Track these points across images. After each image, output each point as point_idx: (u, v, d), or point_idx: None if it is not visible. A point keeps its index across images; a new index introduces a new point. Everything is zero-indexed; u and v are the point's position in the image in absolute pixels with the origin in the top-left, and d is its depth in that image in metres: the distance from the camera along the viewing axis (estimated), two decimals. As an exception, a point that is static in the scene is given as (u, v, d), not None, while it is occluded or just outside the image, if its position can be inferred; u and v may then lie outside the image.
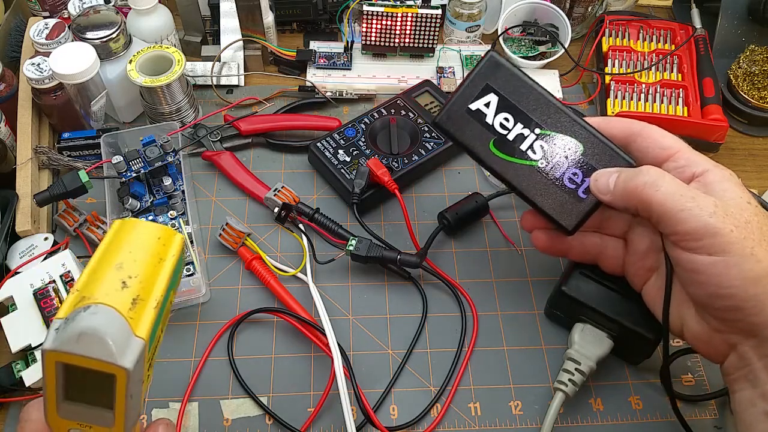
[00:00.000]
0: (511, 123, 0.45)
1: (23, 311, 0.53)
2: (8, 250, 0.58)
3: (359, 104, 0.75)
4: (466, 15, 0.77)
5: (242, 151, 0.70)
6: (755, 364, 0.39)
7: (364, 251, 0.57)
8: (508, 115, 0.45)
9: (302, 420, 0.51)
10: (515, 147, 0.46)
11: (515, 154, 0.46)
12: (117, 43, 0.66)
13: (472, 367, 0.55)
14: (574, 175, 0.45)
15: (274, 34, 0.77)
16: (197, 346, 0.56)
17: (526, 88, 0.45)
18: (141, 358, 0.31)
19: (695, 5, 0.81)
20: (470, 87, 0.46)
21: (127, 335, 0.30)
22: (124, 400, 0.31)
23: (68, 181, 0.57)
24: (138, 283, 0.32)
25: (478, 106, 0.46)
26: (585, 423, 0.52)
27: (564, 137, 0.45)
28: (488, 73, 0.46)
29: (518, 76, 0.46)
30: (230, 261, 0.61)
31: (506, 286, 0.60)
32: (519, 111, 0.45)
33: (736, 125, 0.74)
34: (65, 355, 0.30)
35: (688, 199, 0.39)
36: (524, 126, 0.45)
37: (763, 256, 0.37)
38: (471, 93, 0.46)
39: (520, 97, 0.45)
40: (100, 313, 0.30)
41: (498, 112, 0.46)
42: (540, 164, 0.45)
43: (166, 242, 0.35)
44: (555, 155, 0.45)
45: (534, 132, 0.45)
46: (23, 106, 0.65)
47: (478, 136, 0.46)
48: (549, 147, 0.45)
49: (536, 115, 0.45)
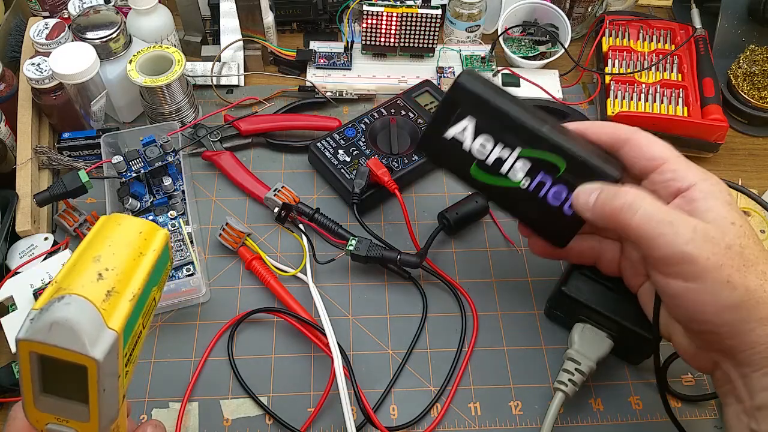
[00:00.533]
0: (490, 146, 0.44)
1: (23, 311, 0.53)
2: (8, 250, 0.58)
3: (359, 104, 0.75)
4: (466, 15, 0.77)
5: (242, 151, 0.70)
6: (737, 381, 0.39)
7: (364, 251, 0.57)
8: (485, 140, 0.44)
9: (302, 420, 0.51)
10: (496, 169, 0.44)
11: (497, 177, 0.45)
12: (117, 43, 0.66)
13: (472, 367, 0.55)
14: (557, 192, 0.44)
15: (274, 34, 0.77)
16: (197, 346, 0.56)
17: (502, 108, 0.43)
18: (114, 351, 0.31)
19: (695, 5, 0.81)
20: (443, 114, 0.45)
21: (99, 326, 0.30)
22: (97, 393, 0.31)
23: (68, 181, 0.57)
24: (114, 275, 0.32)
25: (454, 133, 0.45)
26: (585, 423, 0.52)
27: (545, 154, 0.43)
28: (459, 99, 0.44)
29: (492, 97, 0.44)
30: (230, 261, 0.61)
31: (506, 286, 0.60)
32: (496, 133, 0.44)
33: (736, 125, 0.74)
34: (37, 345, 0.30)
35: (665, 224, 0.38)
36: (503, 148, 0.44)
37: (740, 283, 0.36)
38: (446, 119, 0.45)
39: (496, 119, 0.44)
40: (73, 303, 0.30)
41: (476, 136, 0.44)
42: (522, 184, 0.44)
43: (147, 237, 0.35)
44: (537, 174, 0.44)
45: (514, 153, 0.44)
46: (23, 106, 0.65)
47: (458, 160, 0.45)
48: (530, 166, 0.44)
49: (515, 134, 0.43)
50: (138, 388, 0.53)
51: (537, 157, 0.43)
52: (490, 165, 0.44)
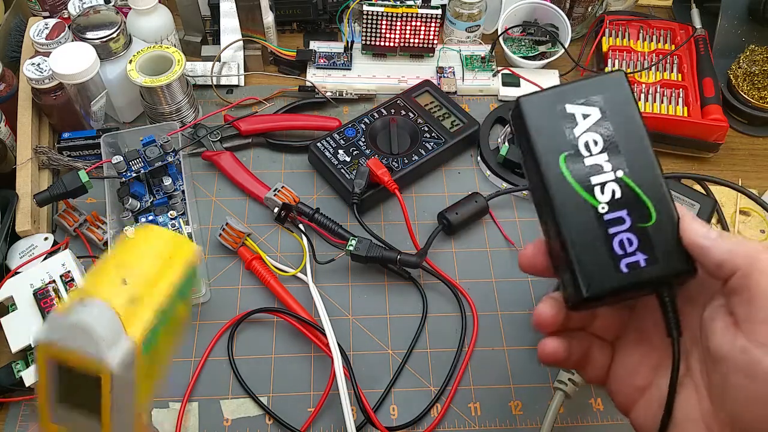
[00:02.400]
0: (598, 149, 0.38)
1: (23, 311, 0.53)
2: (8, 250, 0.58)
3: (359, 104, 0.75)
4: (466, 15, 0.77)
5: (242, 151, 0.70)
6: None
7: (364, 251, 0.57)
8: (598, 139, 0.38)
9: (302, 420, 0.51)
10: (587, 175, 0.38)
11: (582, 182, 0.38)
12: (117, 43, 0.66)
13: (472, 367, 0.55)
14: (628, 240, 0.37)
15: (274, 34, 0.77)
16: (197, 346, 0.56)
17: (635, 125, 0.38)
18: (130, 362, 0.29)
19: (695, 5, 0.81)
20: (582, 88, 0.39)
21: (117, 332, 0.29)
22: (109, 407, 0.29)
23: (68, 181, 0.57)
24: (139, 283, 0.31)
25: (576, 110, 0.39)
26: (585, 423, 0.52)
27: (643, 196, 0.37)
28: (608, 86, 0.39)
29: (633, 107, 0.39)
30: (230, 261, 0.61)
31: (506, 286, 0.60)
32: (614, 142, 0.38)
33: (736, 125, 0.74)
34: (53, 349, 0.29)
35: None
36: (609, 159, 0.38)
37: None
38: (578, 94, 0.39)
39: (623, 129, 0.38)
40: (94, 306, 0.29)
41: (591, 130, 0.38)
42: (601, 208, 0.37)
43: (178, 249, 0.34)
44: (621, 209, 0.37)
45: (615, 173, 0.38)
46: (23, 106, 0.65)
47: (553, 139, 0.38)
48: (621, 197, 0.37)
49: (628, 157, 0.38)
50: (138, 388, 0.53)
51: (635, 191, 0.37)
52: (585, 165, 0.38)
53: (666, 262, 0.35)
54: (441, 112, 0.70)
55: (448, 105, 0.71)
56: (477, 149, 0.70)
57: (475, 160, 0.70)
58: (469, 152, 0.70)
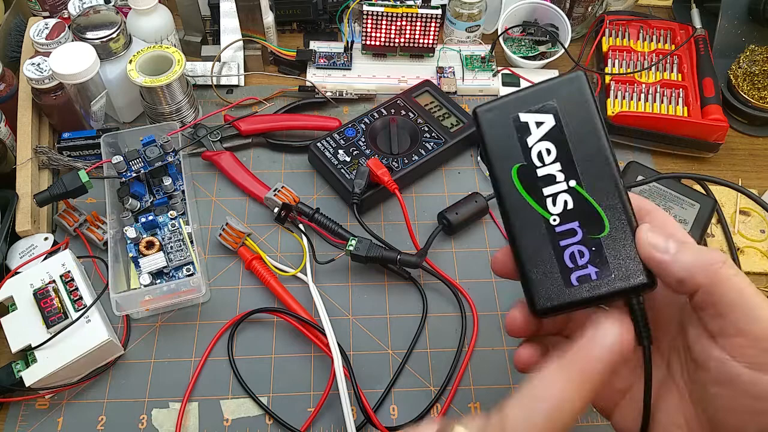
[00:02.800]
0: (551, 158, 0.37)
1: (23, 311, 0.53)
2: (8, 250, 0.58)
3: (359, 104, 0.75)
4: (466, 15, 0.77)
5: (242, 151, 0.70)
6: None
7: (364, 251, 0.57)
8: (551, 147, 0.37)
9: (302, 420, 0.51)
10: (538, 186, 0.37)
11: (533, 194, 0.37)
12: (117, 43, 0.66)
13: (472, 367, 0.55)
14: (579, 253, 0.36)
15: (274, 34, 0.77)
16: (197, 346, 0.56)
17: (592, 129, 0.37)
18: None
19: (695, 5, 0.81)
20: (537, 93, 0.38)
21: None
22: None
23: (68, 181, 0.57)
24: None
25: (529, 119, 0.38)
26: (585, 423, 0.52)
27: (595, 207, 0.36)
28: (564, 89, 0.38)
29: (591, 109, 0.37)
30: (230, 261, 0.61)
31: (506, 286, 0.60)
32: (566, 151, 0.37)
33: (736, 125, 0.74)
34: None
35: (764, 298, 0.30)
36: (561, 170, 0.37)
37: None
38: (533, 100, 0.38)
39: (578, 134, 0.37)
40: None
41: (544, 139, 0.37)
42: (552, 220, 0.37)
43: None
44: (573, 220, 0.36)
45: (568, 183, 0.37)
46: (23, 106, 0.65)
47: (507, 150, 0.38)
48: (573, 208, 0.36)
49: (582, 166, 0.37)
50: (138, 388, 0.53)
51: (589, 202, 0.36)
52: (537, 177, 0.37)
53: (620, 275, 0.34)
54: (441, 112, 0.70)
55: (448, 105, 0.71)
56: (477, 149, 0.70)
57: (475, 160, 0.70)
58: (469, 152, 0.70)
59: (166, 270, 0.56)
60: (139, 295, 0.54)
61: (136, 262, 0.56)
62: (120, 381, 0.54)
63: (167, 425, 0.51)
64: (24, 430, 0.51)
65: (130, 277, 0.58)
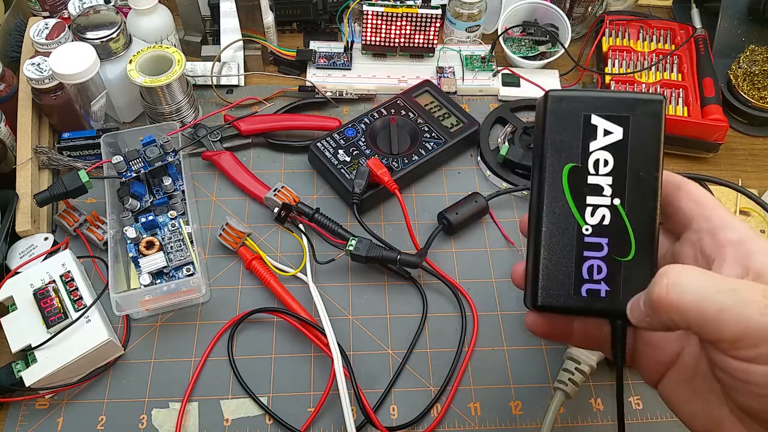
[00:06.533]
0: (606, 170, 0.36)
1: (23, 311, 0.53)
2: (8, 250, 0.58)
3: (359, 104, 0.75)
4: (466, 15, 0.77)
5: (242, 151, 0.70)
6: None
7: (364, 251, 0.57)
8: (610, 159, 0.36)
9: (302, 420, 0.51)
10: (583, 192, 0.36)
11: (575, 198, 0.36)
12: (117, 43, 0.66)
13: (472, 367, 0.55)
14: (598, 268, 0.36)
15: (274, 34, 0.77)
16: (197, 346, 0.56)
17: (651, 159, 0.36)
18: None
19: (695, 5, 0.81)
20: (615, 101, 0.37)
21: None
22: None
23: (68, 181, 0.57)
24: None
25: (600, 123, 0.37)
26: (585, 423, 0.52)
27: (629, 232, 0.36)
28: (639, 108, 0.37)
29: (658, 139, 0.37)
30: (230, 261, 0.61)
31: (506, 286, 0.60)
32: (623, 169, 0.36)
33: (736, 125, 0.74)
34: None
35: (726, 294, 0.29)
36: (611, 185, 0.36)
37: None
38: (607, 107, 0.37)
39: (638, 158, 0.36)
40: None
41: (606, 149, 0.36)
42: (585, 229, 0.36)
43: None
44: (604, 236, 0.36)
45: (612, 200, 0.36)
46: (23, 106, 0.65)
47: (566, 145, 0.37)
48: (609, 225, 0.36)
49: (631, 189, 0.36)
50: (138, 388, 0.53)
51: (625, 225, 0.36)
52: (586, 183, 0.36)
53: (626, 300, 0.34)
54: (441, 112, 0.70)
55: (448, 105, 0.71)
56: (477, 149, 0.70)
57: (475, 160, 0.70)
58: (469, 152, 0.70)
59: (166, 270, 0.56)
60: (139, 295, 0.54)
61: (136, 262, 0.56)
62: (120, 381, 0.54)
63: (167, 425, 0.51)
64: (24, 430, 0.51)
65: (130, 277, 0.58)
